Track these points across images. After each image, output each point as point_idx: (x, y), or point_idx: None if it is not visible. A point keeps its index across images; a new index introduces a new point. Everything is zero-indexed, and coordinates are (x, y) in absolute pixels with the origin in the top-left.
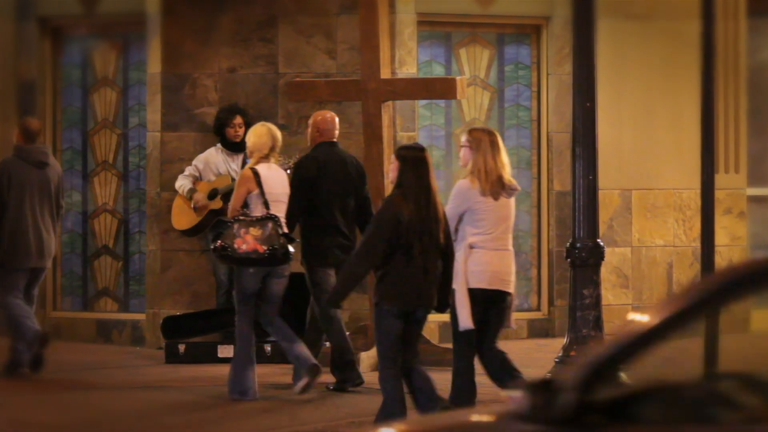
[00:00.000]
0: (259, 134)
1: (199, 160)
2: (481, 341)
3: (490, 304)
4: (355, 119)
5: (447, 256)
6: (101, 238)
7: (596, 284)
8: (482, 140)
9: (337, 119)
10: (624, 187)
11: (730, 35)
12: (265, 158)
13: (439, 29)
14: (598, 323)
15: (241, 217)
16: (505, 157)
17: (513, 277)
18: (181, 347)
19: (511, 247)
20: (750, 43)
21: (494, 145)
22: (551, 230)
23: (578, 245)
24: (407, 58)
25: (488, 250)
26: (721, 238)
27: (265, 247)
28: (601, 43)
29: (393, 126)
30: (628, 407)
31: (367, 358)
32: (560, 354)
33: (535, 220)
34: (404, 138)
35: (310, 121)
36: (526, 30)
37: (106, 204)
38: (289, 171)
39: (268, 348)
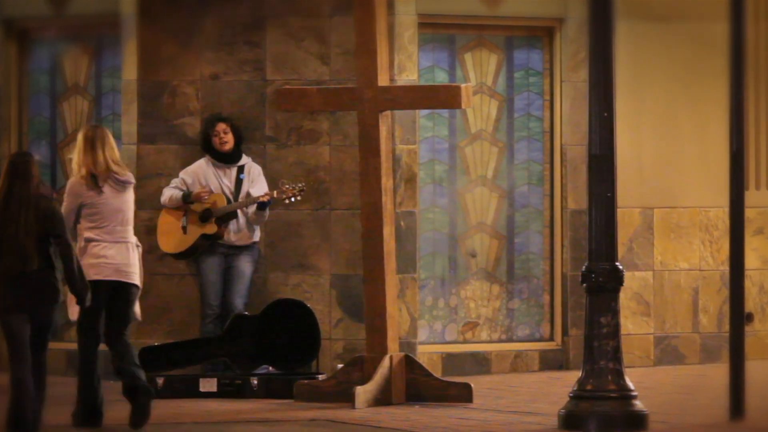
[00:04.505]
0: None
1: (186, 173)
2: (108, 335)
3: (114, 297)
4: (350, 131)
5: (66, 258)
6: None
7: (615, 312)
8: (91, 136)
9: None
10: (645, 204)
11: (761, 37)
12: None
13: (442, 32)
14: (616, 354)
15: None
16: (115, 150)
17: (136, 269)
18: (160, 381)
19: (131, 240)
20: None
21: (102, 140)
22: (565, 252)
23: (595, 269)
24: (407, 64)
25: (106, 242)
26: (751, 261)
27: None
28: (619, 47)
29: (392, 138)
30: None
31: (363, 393)
32: (575, 388)
33: (547, 242)
34: (404, 151)
35: None
36: (538, 33)
37: None
38: (293, 199)
39: (254, 381)
